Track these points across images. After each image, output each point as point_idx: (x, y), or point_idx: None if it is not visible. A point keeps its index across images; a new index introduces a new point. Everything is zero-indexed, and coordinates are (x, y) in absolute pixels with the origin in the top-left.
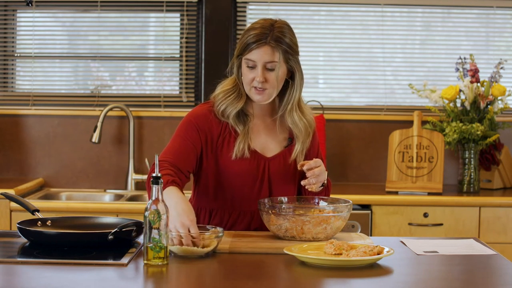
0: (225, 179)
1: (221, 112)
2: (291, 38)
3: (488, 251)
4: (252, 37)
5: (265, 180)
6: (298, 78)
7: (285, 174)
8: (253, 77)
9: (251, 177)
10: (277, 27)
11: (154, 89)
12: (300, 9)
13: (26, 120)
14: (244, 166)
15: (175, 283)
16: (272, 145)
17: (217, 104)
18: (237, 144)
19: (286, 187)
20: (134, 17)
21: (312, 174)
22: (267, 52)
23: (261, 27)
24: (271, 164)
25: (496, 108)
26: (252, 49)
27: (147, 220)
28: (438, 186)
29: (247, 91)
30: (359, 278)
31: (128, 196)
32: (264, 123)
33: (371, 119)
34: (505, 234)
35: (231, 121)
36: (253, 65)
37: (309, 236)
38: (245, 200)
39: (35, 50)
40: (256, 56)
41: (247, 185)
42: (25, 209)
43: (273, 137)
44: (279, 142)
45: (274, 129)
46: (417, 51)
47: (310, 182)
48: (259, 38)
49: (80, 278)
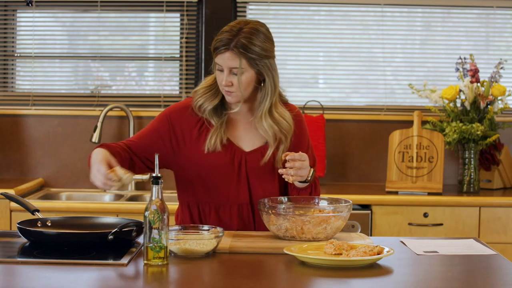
0: (202, 173)
1: (198, 107)
2: (256, 43)
3: (488, 251)
4: (217, 42)
5: (243, 174)
6: (269, 83)
7: (263, 169)
8: (221, 79)
9: (227, 170)
10: (245, 32)
11: (154, 89)
12: (300, 9)
13: (26, 120)
14: (220, 159)
15: (175, 283)
16: (251, 140)
17: (195, 99)
18: (209, 137)
19: (266, 183)
20: (134, 17)
21: (292, 165)
22: (230, 58)
23: (228, 32)
24: (248, 158)
25: (496, 108)
26: (217, 54)
27: (147, 220)
28: (438, 186)
29: (221, 91)
30: (359, 278)
31: (128, 196)
32: (243, 118)
33: (371, 119)
34: (505, 234)
35: (206, 114)
36: (221, 69)
37: (309, 236)
38: (224, 194)
39: (35, 50)
40: (221, 61)
41: (224, 179)
42: (25, 209)
43: (253, 133)
44: (260, 138)
45: (253, 126)
46: (417, 51)
47: (288, 172)
48: (222, 43)
49: (80, 278)
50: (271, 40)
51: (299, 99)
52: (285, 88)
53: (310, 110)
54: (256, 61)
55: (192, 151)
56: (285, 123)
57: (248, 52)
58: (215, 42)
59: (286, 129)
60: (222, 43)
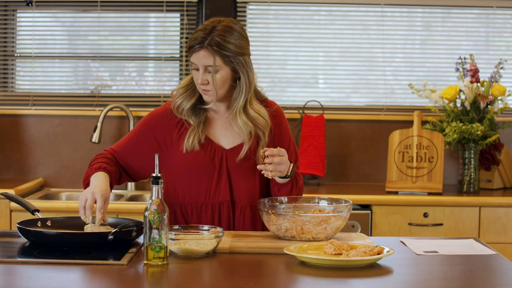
0: (183, 173)
1: (176, 108)
2: (230, 40)
3: (488, 251)
4: (191, 41)
5: (224, 172)
6: (243, 80)
7: (245, 167)
8: (196, 78)
9: (208, 169)
10: (218, 29)
11: (154, 89)
12: (300, 9)
13: (26, 120)
14: (200, 158)
15: (175, 283)
16: (231, 137)
17: (174, 99)
18: (187, 137)
19: (247, 180)
20: (134, 17)
21: (271, 160)
22: (205, 56)
23: (202, 30)
24: (229, 155)
25: (496, 108)
26: (192, 53)
27: (147, 220)
28: (438, 186)
29: (199, 90)
30: (359, 278)
31: (128, 196)
32: (222, 117)
33: (371, 119)
34: (505, 234)
35: (185, 114)
36: (196, 67)
37: (309, 236)
38: (205, 193)
39: (35, 50)
40: (196, 60)
41: (205, 177)
42: (25, 209)
43: (232, 130)
44: (239, 135)
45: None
46: (417, 51)
47: (267, 168)
48: (196, 42)
49: (80, 278)
50: (245, 37)
51: (299, 99)
52: (285, 88)
53: (310, 110)
54: (230, 59)
55: (173, 153)
56: (262, 119)
57: (222, 50)
58: (190, 41)
59: (262, 125)
60: (196, 42)
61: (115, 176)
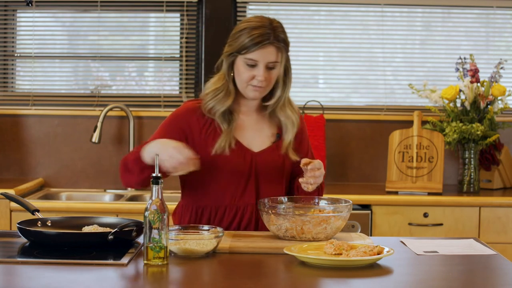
0: (211, 175)
1: (209, 110)
2: (287, 37)
3: (488, 251)
4: (255, 37)
5: (252, 175)
6: (290, 74)
7: (272, 169)
8: (252, 76)
9: (238, 172)
10: (276, 26)
11: (154, 89)
12: (300, 9)
13: (26, 120)
14: (230, 161)
15: (175, 283)
16: (259, 140)
17: (205, 102)
18: (219, 141)
19: (273, 184)
20: (134, 17)
21: (313, 175)
22: (272, 52)
23: (262, 26)
24: (258, 158)
25: (496, 108)
26: (256, 49)
27: (147, 220)
28: (438, 186)
29: (241, 89)
30: (359, 278)
31: (128, 196)
32: (251, 119)
33: (371, 119)
34: (505, 234)
35: (217, 118)
36: (254, 64)
37: (309, 236)
38: (232, 196)
39: (35, 50)
40: (259, 56)
41: (234, 180)
42: (25, 209)
43: (260, 133)
44: (267, 137)
45: (262, 124)
46: (417, 51)
47: (308, 181)
48: (263, 38)
49: (80, 278)
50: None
51: (299, 99)
52: None
53: (310, 110)
54: (287, 55)
55: (201, 153)
56: (298, 110)
57: (285, 45)
58: (250, 37)
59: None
60: (264, 37)
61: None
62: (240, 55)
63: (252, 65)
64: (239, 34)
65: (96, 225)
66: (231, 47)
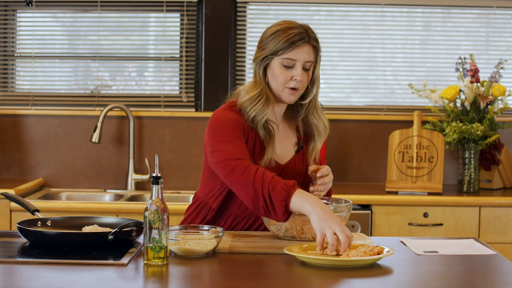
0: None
1: (251, 120)
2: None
3: (488, 251)
4: (294, 35)
5: None
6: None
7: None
8: (290, 76)
9: None
10: (308, 27)
11: (154, 89)
12: (300, 9)
13: (26, 120)
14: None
15: (175, 283)
16: (285, 151)
17: (246, 112)
18: (267, 154)
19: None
20: (134, 17)
21: (322, 182)
22: (309, 52)
23: (295, 27)
24: (285, 170)
25: (496, 108)
26: (295, 48)
27: (147, 220)
28: (438, 186)
29: (278, 92)
30: (359, 278)
31: (128, 196)
32: (279, 128)
33: (371, 119)
34: (505, 234)
35: (260, 128)
36: (292, 64)
37: (309, 236)
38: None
39: (35, 50)
40: (298, 55)
41: None
42: (25, 209)
43: (285, 143)
44: (292, 147)
45: (286, 134)
46: (417, 51)
47: (319, 189)
48: (302, 37)
49: (80, 278)
50: None
51: None
52: None
53: None
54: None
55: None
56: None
57: (319, 46)
58: (288, 36)
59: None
60: (301, 36)
61: None
62: (276, 56)
63: (289, 66)
64: (273, 37)
65: (96, 225)
66: (265, 51)
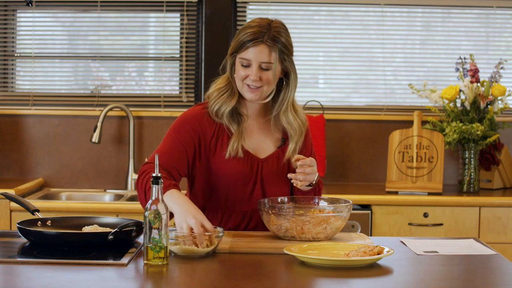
0: (218, 180)
1: (215, 112)
2: (287, 39)
3: (488, 251)
4: (248, 35)
5: (258, 181)
6: (293, 78)
7: (278, 175)
8: (246, 74)
9: (244, 178)
10: (274, 26)
11: (154, 89)
12: (300, 9)
13: (26, 120)
14: (237, 167)
15: (175, 283)
16: (265, 146)
17: (211, 104)
18: (231, 143)
19: (279, 188)
20: (134, 17)
21: (303, 171)
22: (264, 52)
23: (258, 26)
24: (264, 165)
25: (496, 108)
26: (248, 47)
27: (147, 220)
28: (438, 186)
29: (239, 88)
30: (359, 278)
31: (128, 196)
32: (257, 123)
33: (371, 119)
34: (505, 234)
35: (225, 120)
36: (248, 64)
37: (309, 236)
38: (238, 201)
39: (35, 50)
40: (252, 55)
41: (240, 186)
42: (25, 209)
43: (266, 138)
44: (273, 143)
45: (267, 129)
46: (417, 51)
47: (297, 178)
48: (255, 36)
49: (80, 278)
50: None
51: (299, 99)
52: None
53: (310, 110)
54: (284, 56)
55: (211, 158)
56: (303, 116)
57: (281, 46)
58: (244, 36)
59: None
60: (255, 36)
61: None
62: (238, 54)
63: (246, 65)
64: (238, 34)
65: (96, 225)
66: (231, 47)
